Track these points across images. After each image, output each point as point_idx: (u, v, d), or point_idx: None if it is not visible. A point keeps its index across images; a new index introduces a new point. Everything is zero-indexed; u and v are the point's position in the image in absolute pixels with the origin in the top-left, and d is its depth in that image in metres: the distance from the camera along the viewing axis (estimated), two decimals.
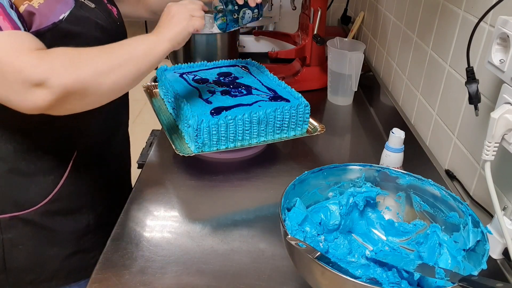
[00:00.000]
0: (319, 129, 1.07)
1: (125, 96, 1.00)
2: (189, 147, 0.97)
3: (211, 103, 1.00)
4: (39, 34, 0.70)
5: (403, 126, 1.16)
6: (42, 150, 0.82)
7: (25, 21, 0.69)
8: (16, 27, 0.65)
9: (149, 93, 1.22)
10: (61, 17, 0.75)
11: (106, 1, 0.90)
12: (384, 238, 0.79)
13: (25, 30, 0.67)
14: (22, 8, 0.69)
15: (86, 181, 0.91)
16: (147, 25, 3.96)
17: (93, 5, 0.84)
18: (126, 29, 0.96)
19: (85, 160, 0.89)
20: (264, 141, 1.02)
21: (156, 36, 0.79)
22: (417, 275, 0.64)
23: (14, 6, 0.67)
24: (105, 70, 0.68)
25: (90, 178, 0.92)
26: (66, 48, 0.67)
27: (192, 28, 0.82)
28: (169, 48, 0.79)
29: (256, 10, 0.97)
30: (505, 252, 0.73)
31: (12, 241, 0.82)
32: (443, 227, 0.72)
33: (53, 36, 0.73)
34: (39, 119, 0.69)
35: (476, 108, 0.76)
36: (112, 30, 0.88)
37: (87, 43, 0.73)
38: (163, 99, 1.16)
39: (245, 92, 1.06)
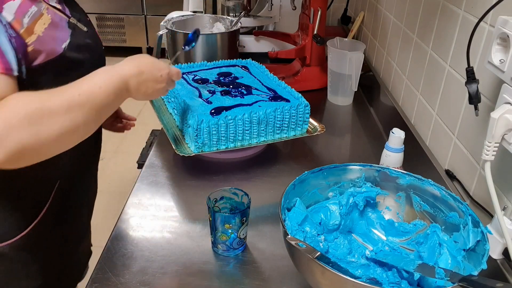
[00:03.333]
0: (319, 129, 1.07)
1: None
2: (189, 147, 0.97)
3: (211, 103, 1.00)
4: (44, 66, 0.69)
5: (403, 126, 1.16)
6: (30, 177, 0.79)
7: (28, 55, 0.67)
8: (7, 68, 0.61)
9: None
10: (63, 46, 0.73)
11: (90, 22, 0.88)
12: (384, 238, 0.79)
13: (19, 65, 0.64)
14: (30, 46, 0.67)
15: (66, 211, 0.89)
16: (147, 25, 3.97)
17: (85, 28, 0.82)
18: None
19: (68, 187, 0.87)
20: (264, 141, 1.02)
21: (128, 88, 0.73)
22: (417, 275, 0.64)
23: (13, 38, 0.64)
24: (64, 128, 0.62)
25: (69, 207, 0.90)
26: (23, 97, 0.61)
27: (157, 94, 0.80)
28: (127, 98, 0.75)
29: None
30: (505, 252, 0.74)
31: None
32: (443, 227, 0.72)
33: (59, 67, 0.71)
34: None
35: (476, 108, 0.76)
36: (98, 52, 0.86)
37: (89, 70, 0.70)
38: (163, 99, 1.16)
39: (245, 92, 1.06)
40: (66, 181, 0.85)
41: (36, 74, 0.68)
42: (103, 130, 1.06)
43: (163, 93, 0.82)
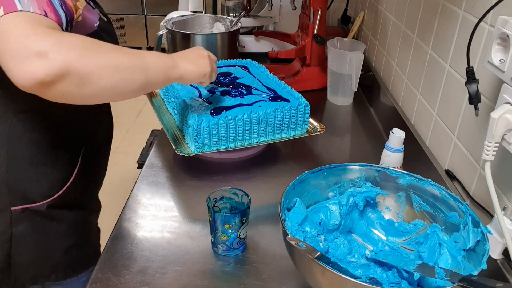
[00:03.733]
0: (319, 129, 1.07)
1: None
2: (189, 147, 0.97)
3: (211, 103, 1.00)
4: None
5: (403, 126, 1.16)
6: (58, 144, 0.84)
7: (73, 22, 0.71)
8: (59, 23, 0.64)
9: (149, 93, 1.21)
10: (95, 25, 0.80)
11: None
12: (384, 238, 0.79)
13: (66, 25, 0.68)
14: (77, 18, 0.74)
15: (90, 177, 0.94)
16: (147, 25, 3.97)
17: (106, 19, 0.88)
18: None
19: (91, 156, 0.92)
20: (264, 141, 1.02)
21: (175, 61, 0.78)
22: (417, 275, 0.64)
23: (64, 6, 0.68)
24: (113, 66, 0.65)
25: (93, 174, 0.96)
26: (85, 36, 0.64)
27: (206, 80, 0.85)
28: (178, 78, 0.79)
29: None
30: (505, 252, 0.74)
31: (21, 235, 0.82)
32: (443, 227, 0.72)
33: None
34: (57, 113, 0.73)
35: (476, 108, 0.76)
36: (116, 40, 0.90)
37: None
38: (163, 99, 1.16)
39: (245, 92, 1.06)
40: (89, 148, 0.91)
41: None
42: None
43: (209, 65, 0.85)
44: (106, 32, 0.84)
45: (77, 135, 0.88)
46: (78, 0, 0.77)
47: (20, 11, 0.59)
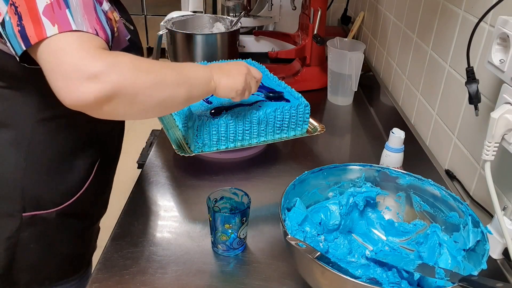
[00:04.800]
0: (319, 129, 1.07)
1: None
2: (189, 147, 0.97)
3: (211, 103, 1.00)
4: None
5: (403, 126, 1.16)
6: (76, 154, 0.84)
7: (113, 38, 0.74)
8: (107, 40, 0.67)
9: None
10: (127, 38, 0.81)
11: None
12: (384, 238, 0.79)
13: (112, 43, 0.70)
14: (116, 33, 0.76)
15: (102, 186, 0.94)
16: (147, 25, 3.97)
17: (132, 27, 0.87)
18: None
19: (105, 166, 0.93)
20: (264, 141, 1.02)
21: (211, 73, 0.80)
22: (417, 275, 0.64)
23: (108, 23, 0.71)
24: (160, 84, 0.67)
25: (105, 183, 0.96)
26: (131, 54, 0.66)
27: (235, 96, 0.84)
28: (213, 91, 0.81)
29: None
30: (505, 252, 0.74)
31: (26, 240, 0.81)
32: (443, 227, 0.72)
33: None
34: (79, 123, 0.73)
35: (476, 108, 0.76)
36: (141, 51, 0.91)
37: None
38: None
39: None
40: (104, 159, 0.91)
41: None
42: None
43: (244, 82, 0.84)
44: (135, 46, 0.84)
45: (95, 145, 0.88)
46: (114, 11, 0.77)
47: (75, 30, 0.61)
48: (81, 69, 0.58)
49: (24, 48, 0.61)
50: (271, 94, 1.04)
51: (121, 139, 1.03)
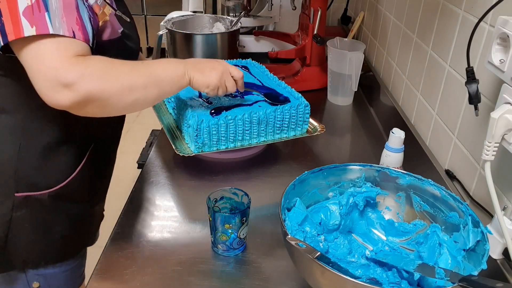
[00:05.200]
0: (319, 129, 1.07)
1: None
2: (189, 147, 0.97)
3: (211, 103, 1.00)
4: (108, 44, 0.80)
5: (403, 126, 1.16)
6: (69, 139, 0.87)
7: (98, 31, 0.79)
8: (86, 39, 0.71)
9: None
10: (119, 31, 0.84)
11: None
12: (384, 238, 0.79)
13: (93, 39, 0.74)
14: (101, 24, 0.78)
15: (96, 172, 0.96)
16: (147, 25, 3.97)
17: (128, 19, 0.90)
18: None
19: (99, 152, 0.94)
20: (264, 141, 1.02)
21: (185, 69, 0.85)
22: (417, 275, 0.64)
23: (91, 18, 0.75)
24: (129, 88, 0.73)
25: (98, 168, 0.97)
26: (103, 57, 0.72)
27: (207, 90, 0.88)
28: (187, 85, 0.86)
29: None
30: (505, 252, 0.73)
31: (20, 219, 0.85)
32: (443, 227, 0.72)
33: (118, 49, 0.80)
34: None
35: (476, 108, 0.76)
36: (137, 43, 0.94)
37: (135, 59, 0.80)
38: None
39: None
40: (98, 145, 0.94)
41: (102, 50, 0.77)
42: None
43: (218, 79, 0.88)
44: (129, 39, 0.87)
45: (88, 131, 0.90)
46: (105, 7, 0.81)
47: (51, 34, 0.66)
48: (57, 78, 0.66)
49: (2, 44, 0.67)
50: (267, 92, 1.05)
51: (118, 129, 1.03)
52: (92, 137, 0.92)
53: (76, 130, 0.87)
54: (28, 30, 0.65)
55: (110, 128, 0.99)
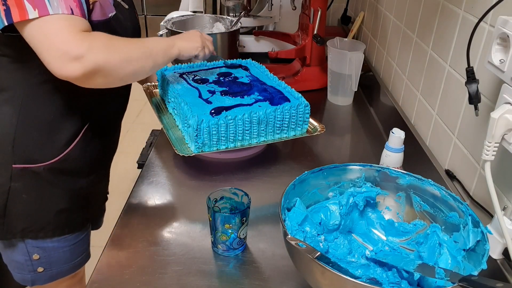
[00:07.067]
0: (319, 129, 1.07)
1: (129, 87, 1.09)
2: (189, 147, 0.97)
3: (211, 103, 1.00)
4: (97, 24, 0.84)
5: (403, 126, 1.16)
6: (67, 115, 0.91)
7: (90, 10, 0.84)
8: (83, 15, 0.78)
9: (149, 93, 1.21)
10: (110, 15, 0.88)
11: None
12: (384, 238, 0.79)
13: (88, 17, 0.81)
14: (91, 4, 0.83)
15: (91, 148, 0.98)
16: (147, 25, 3.97)
17: (127, 6, 0.97)
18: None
19: (95, 130, 0.97)
20: (264, 141, 1.02)
21: (172, 41, 0.98)
22: (417, 275, 0.64)
23: None
24: (130, 59, 0.82)
25: (94, 146, 0.99)
26: (103, 33, 0.80)
27: (197, 52, 1.02)
28: (177, 54, 0.98)
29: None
30: (505, 252, 0.73)
31: (18, 190, 0.90)
32: (443, 227, 0.72)
33: (104, 31, 0.83)
34: (72, 87, 0.79)
35: (476, 108, 0.76)
36: (136, 31, 1.02)
37: None
38: (163, 99, 1.16)
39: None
40: (96, 122, 0.97)
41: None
42: None
43: (201, 42, 1.03)
44: (120, 24, 0.92)
45: (87, 108, 0.94)
46: None
47: (52, 14, 0.73)
48: (67, 52, 0.73)
49: (6, 24, 0.73)
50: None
51: (122, 106, 1.07)
52: (88, 117, 0.94)
53: (72, 108, 0.91)
54: (32, 12, 0.72)
55: (113, 105, 1.03)
